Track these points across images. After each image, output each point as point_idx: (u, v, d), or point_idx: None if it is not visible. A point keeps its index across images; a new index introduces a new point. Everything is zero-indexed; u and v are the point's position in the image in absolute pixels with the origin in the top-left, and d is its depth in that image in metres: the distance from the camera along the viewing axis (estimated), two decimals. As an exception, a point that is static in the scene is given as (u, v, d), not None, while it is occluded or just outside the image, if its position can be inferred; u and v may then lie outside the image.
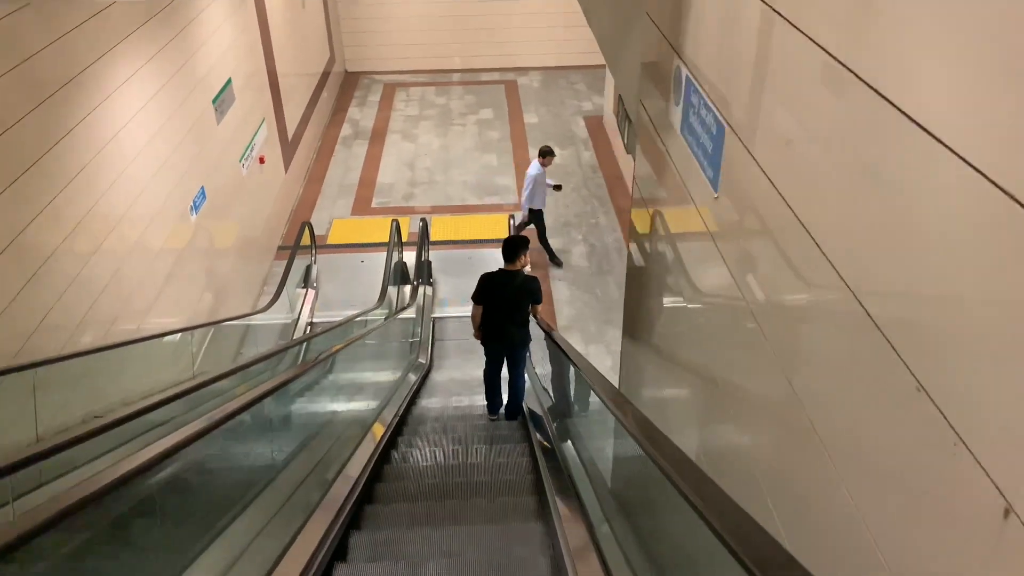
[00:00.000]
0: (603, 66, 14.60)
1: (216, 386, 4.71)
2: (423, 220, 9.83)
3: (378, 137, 13.88)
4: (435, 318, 9.31)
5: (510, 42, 16.57)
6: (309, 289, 9.55)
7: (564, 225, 11.00)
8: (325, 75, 14.74)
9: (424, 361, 8.13)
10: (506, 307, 5.43)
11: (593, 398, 3.62)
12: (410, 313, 8.73)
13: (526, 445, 5.50)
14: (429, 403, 7.01)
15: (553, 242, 10.61)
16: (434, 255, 10.33)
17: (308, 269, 9.81)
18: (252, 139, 9.69)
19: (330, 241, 10.83)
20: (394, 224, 9.52)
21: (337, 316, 8.63)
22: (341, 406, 5.94)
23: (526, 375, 6.25)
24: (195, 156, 7.70)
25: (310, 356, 7.09)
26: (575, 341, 8.72)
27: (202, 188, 7.86)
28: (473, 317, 5.62)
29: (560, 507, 3.39)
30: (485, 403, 6.30)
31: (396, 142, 13.69)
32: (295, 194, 11.97)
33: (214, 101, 8.34)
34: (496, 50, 16.63)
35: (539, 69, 16.70)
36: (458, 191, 12.05)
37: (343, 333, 7.40)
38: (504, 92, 15.68)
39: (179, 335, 6.62)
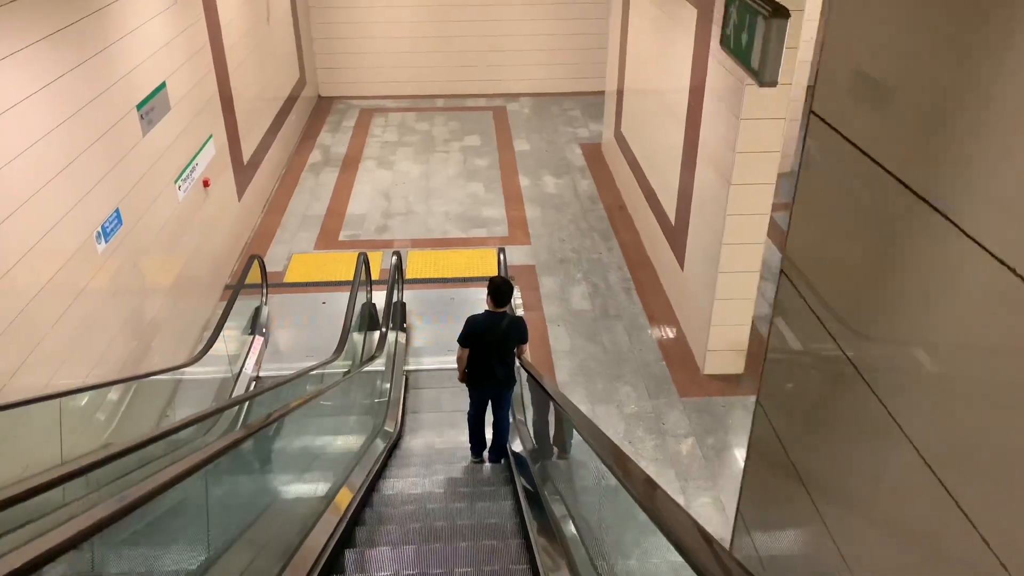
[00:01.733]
0: (600, 92, 13.35)
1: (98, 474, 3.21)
2: (396, 254, 8.28)
3: (351, 164, 12.41)
4: (409, 371, 7.72)
5: (499, 66, 15.28)
6: (256, 336, 7.94)
7: (561, 262, 9.51)
8: (293, 98, 13.32)
9: (392, 429, 6.50)
10: (493, 350, 5.27)
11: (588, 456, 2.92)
12: (378, 366, 7.15)
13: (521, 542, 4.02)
14: (396, 487, 5.35)
15: (548, 281, 9.10)
16: (409, 295, 8.78)
17: (256, 312, 8.22)
18: (193, 158, 8.17)
19: (287, 279, 9.26)
20: (361, 258, 7.97)
21: (290, 369, 7.02)
22: (266, 504, 4.30)
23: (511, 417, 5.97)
24: (108, 171, 6.16)
25: (227, 429, 5.50)
26: (578, 401, 7.15)
27: (117, 211, 6.30)
28: (459, 360, 5.41)
29: None
30: (470, 455, 6.04)
31: (371, 169, 12.22)
32: (251, 225, 10.42)
33: (139, 107, 6.83)
34: (484, 75, 15.34)
35: (530, 95, 15.38)
36: (439, 223, 10.54)
37: (284, 395, 5.84)
38: (492, 118, 14.32)
39: (85, 396, 5.07)
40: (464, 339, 5.25)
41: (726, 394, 7.25)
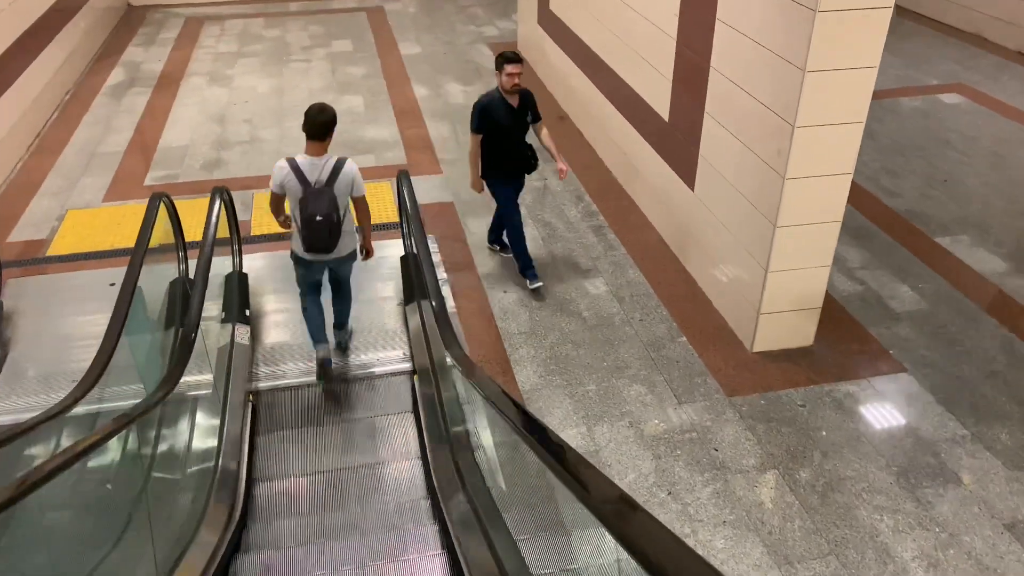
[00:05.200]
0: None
1: None
2: (220, 192, 4.83)
3: (169, 83, 8.73)
4: (260, 391, 4.44)
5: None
6: (-25, 354, 4.43)
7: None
8: (77, 4, 9.37)
9: (214, 537, 3.21)
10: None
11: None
12: (198, 390, 3.87)
13: None
14: None
15: (477, 225, 5.98)
16: (257, 261, 5.45)
17: (-23, 311, 4.69)
18: None
19: (54, 251, 5.70)
20: (157, 204, 4.54)
21: (46, 407, 3.60)
22: None
23: None
24: None
25: None
26: (562, 420, 4.13)
27: None
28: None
29: None
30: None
31: (198, 88, 8.59)
32: (2, 172, 6.72)
33: None
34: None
35: (414, -7, 11.99)
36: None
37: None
38: (367, 20, 10.87)
39: None
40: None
41: (799, 384, 4.39)
